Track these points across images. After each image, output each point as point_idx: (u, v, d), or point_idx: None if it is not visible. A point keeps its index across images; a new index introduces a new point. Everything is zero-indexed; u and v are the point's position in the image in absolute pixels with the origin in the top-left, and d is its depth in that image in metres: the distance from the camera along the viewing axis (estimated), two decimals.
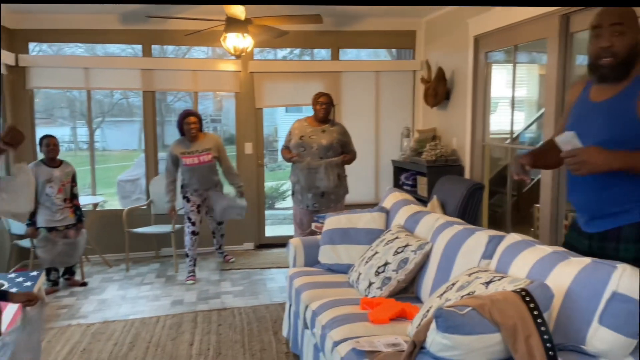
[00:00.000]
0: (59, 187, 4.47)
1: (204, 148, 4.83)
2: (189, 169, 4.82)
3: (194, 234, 4.94)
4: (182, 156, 4.80)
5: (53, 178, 4.46)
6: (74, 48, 9.63)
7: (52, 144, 4.47)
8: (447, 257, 2.61)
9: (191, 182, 4.87)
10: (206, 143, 4.87)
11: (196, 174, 4.83)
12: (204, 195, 4.95)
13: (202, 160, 4.82)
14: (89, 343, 3.56)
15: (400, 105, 6.10)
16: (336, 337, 2.36)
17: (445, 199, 4.31)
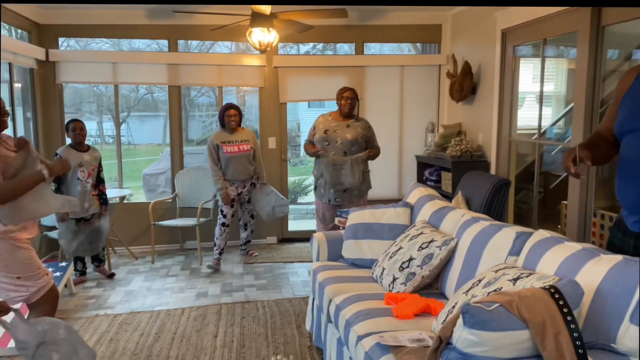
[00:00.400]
0: (89, 171, 4.49)
1: (243, 139, 5.01)
2: (228, 157, 4.93)
3: (224, 226, 5.04)
4: (223, 145, 4.94)
5: (84, 162, 4.46)
6: (101, 43, 9.78)
7: (78, 128, 4.47)
8: (473, 253, 2.58)
9: (229, 172, 4.97)
10: (244, 135, 5.06)
11: (235, 163, 4.95)
12: (240, 187, 5.02)
13: (242, 149, 4.97)
14: (116, 333, 3.63)
15: (425, 100, 6.05)
16: (360, 331, 2.36)
17: (470, 195, 4.26)
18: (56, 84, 5.46)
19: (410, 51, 8.15)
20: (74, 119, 4.58)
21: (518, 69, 4.61)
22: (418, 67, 6.02)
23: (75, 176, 4.42)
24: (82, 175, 4.45)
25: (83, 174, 4.45)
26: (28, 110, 5.33)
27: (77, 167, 4.41)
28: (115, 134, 6.20)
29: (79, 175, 4.43)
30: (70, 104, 11.63)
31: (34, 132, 5.36)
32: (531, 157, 5.20)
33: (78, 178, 4.43)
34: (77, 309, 4.10)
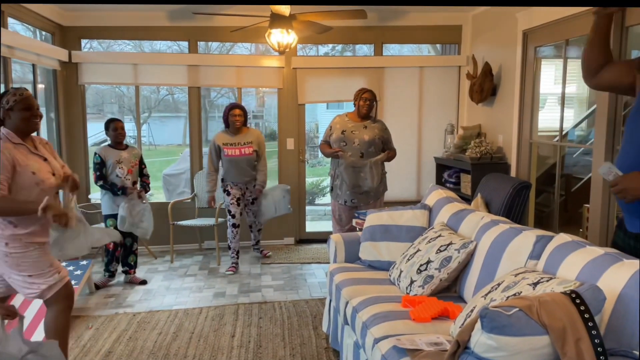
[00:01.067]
0: (128, 168, 4.56)
1: (246, 141, 4.97)
2: (229, 160, 4.93)
3: (234, 227, 5.04)
4: (225, 147, 4.93)
5: (122, 159, 4.53)
6: (122, 45, 9.92)
7: (119, 128, 4.56)
8: (492, 256, 2.55)
9: (230, 174, 4.97)
10: (249, 136, 5.00)
11: (236, 166, 4.94)
12: (243, 189, 5.02)
13: (244, 152, 4.94)
14: (135, 331, 3.67)
15: (444, 102, 6.00)
16: (377, 334, 2.35)
17: (490, 198, 4.21)
18: (78, 85, 5.55)
19: (429, 52, 8.10)
20: (115, 119, 4.66)
21: (539, 70, 4.55)
22: (438, 68, 5.98)
23: (114, 173, 4.51)
24: (120, 172, 4.53)
25: (122, 170, 4.53)
26: (51, 110, 5.43)
27: (116, 163, 4.51)
28: (137, 134, 6.28)
29: (118, 172, 4.52)
30: (92, 105, 11.82)
31: (56, 133, 5.46)
32: (552, 159, 5.13)
33: (117, 175, 4.52)
34: (97, 307, 4.16)
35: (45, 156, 2.69)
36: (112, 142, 4.61)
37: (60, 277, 2.69)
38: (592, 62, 2.19)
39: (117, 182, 4.52)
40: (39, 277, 2.61)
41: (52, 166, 2.69)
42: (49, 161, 2.68)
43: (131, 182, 4.58)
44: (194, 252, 5.77)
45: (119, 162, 4.53)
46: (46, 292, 2.63)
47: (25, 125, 2.61)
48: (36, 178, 2.55)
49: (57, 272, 2.68)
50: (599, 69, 2.18)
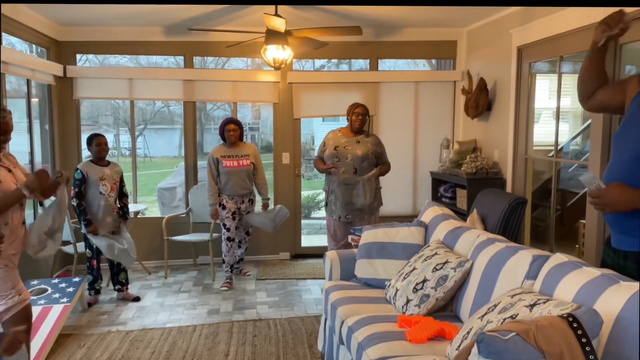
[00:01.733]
0: (111, 185, 4.49)
1: (243, 154, 5.00)
2: (227, 172, 4.91)
3: (229, 240, 5.01)
4: (223, 159, 4.93)
5: (105, 176, 4.46)
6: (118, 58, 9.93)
7: (102, 143, 4.49)
8: (488, 276, 2.53)
9: (227, 186, 4.94)
10: (245, 150, 5.04)
11: (234, 177, 4.93)
12: (239, 203, 5.00)
13: (242, 164, 4.95)
14: (128, 350, 3.62)
15: (440, 116, 6.02)
16: (373, 355, 2.32)
17: (486, 213, 4.20)
18: (73, 99, 5.53)
19: (425, 67, 8.14)
20: (97, 134, 4.57)
21: (534, 85, 4.57)
22: (433, 83, 5.99)
23: (97, 190, 4.43)
24: (104, 189, 4.45)
25: (105, 187, 4.45)
26: (45, 122, 5.41)
27: (99, 181, 4.43)
28: (132, 146, 6.25)
29: (102, 189, 4.44)
30: (87, 117, 11.80)
31: (50, 145, 5.42)
32: (548, 174, 5.13)
33: (100, 192, 4.44)
34: (89, 324, 4.11)
35: (10, 168, 2.72)
36: (95, 157, 4.50)
37: (20, 299, 2.67)
38: (587, 87, 2.23)
39: (101, 200, 4.43)
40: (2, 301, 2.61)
41: (17, 177, 2.72)
42: (13, 172, 2.72)
43: (113, 200, 4.52)
44: (189, 268, 5.72)
45: (102, 178, 4.44)
46: (3, 315, 2.62)
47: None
48: (3, 187, 2.58)
49: (17, 294, 2.66)
50: (593, 92, 2.20)
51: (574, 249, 4.52)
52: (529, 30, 4.32)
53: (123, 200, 4.66)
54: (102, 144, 4.49)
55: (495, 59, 5.02)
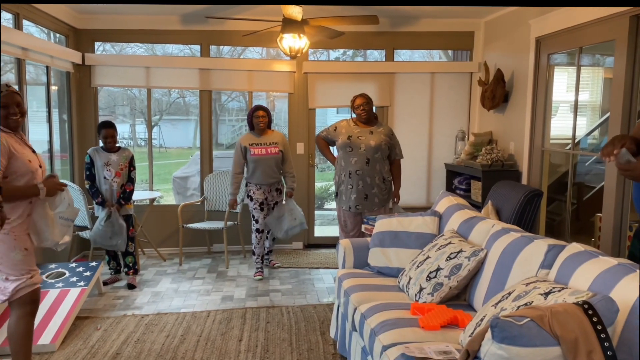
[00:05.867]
0: (116, 170, 4.52)
1: (272, 141, 4.95)
2: (255, 159, 4.88)
3: (258, 232, 5.00)
4: (251, 147, 4.89)
5: (110, 162, 4.51)
6: (135, 48, 10.00)
7: (108, 136, 4.48)
8: (502, 265, 2.53)
9: (255, 175, 4.91)
10: (274, 137, 4.99)
11: (262, 166, 4.89)
12: (266, 192, 4.99)
13: (270, 151, 4.91)
14: (143, 334, 3.67)
15: (456, 108, 5.98)
16: (385, 341, 2.33)
17: (501, 205, 4.18)
18: (91, 87, 5.59)
19: (441, 58, 8.08)
20: (106, 125, 4.54)
21: (552, 78, 4.52)
22: (449, 74, 5.96)
23: (102, 175, 4.50)
24: (108, 174, 4.50)
25: (109, 173, 4.50)
26: (64, 112, 5.48)
27: (104, 166, 4.49)
28: (147, 137, 6.31)
29: (106, 174, 4.50)
30: (104, 107, 11.91)
31: (69, 134, 5.50)
32: (564, 167, 5.08)
33: (105, 177, 4.50)
34: (105, 308, 4.17)
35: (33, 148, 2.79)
36: (104, 147, 4.57)
37: (31, 282, 2.73)
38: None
39: (105, 184, 4.49)
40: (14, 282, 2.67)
41: (40, 160, 2.79)
42: (36, 154, 2.79)
43: (119, 186, 4.53)
44: (203, 255, 5.78)
45: (107, 164, 4.50)
46: (13, 294, 2.68)
47: (4, 122, 2.66)
48: (31, 167, 2.65)
49: (29, 277, 2.72)
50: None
51: (590, 243, 4.48)
52: (548, 21, 4.27)
53: (126, 186, 4.58)
54: (108, 137, 4.49)
55: (513, 50, 4.98)
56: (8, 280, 2.67)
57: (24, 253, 2.69)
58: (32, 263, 2.75)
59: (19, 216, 2.65)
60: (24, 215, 2.68)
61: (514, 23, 4.96)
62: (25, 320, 2.75)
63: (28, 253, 2.71)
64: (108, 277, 4.79)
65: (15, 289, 2.68)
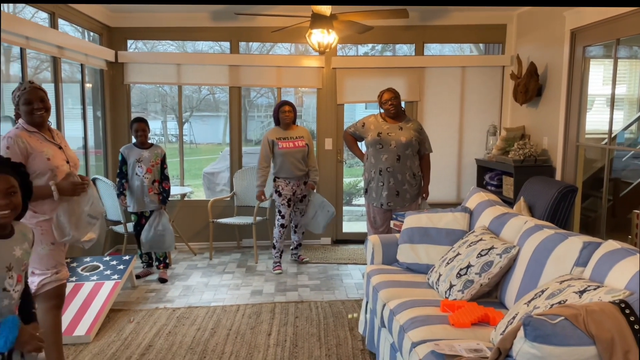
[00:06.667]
0: (147, 167, 4.62)
1: (298, 135, 5.03)
2: (283, 153, 4.94)
3: (282, 227, 5.06)
4: (278, 140, 4.97)
5: (142, 158, 4.62)
6: (166, 45, 10.15)
7: (140, 129, 4.62)
8: (535, 262, 2.48)
9: (284, 168, 4.97)
10: (299, 132, 5.08)
11: (289, 158, 4.95)
12: (295, 187, 5.03)
13: (297, 144, 4.99)
14: (175, 326, 3.74)
15: (487, 102, 5.88)
16: (415, 338, 2.31)
17: (533, 201, 4.10)
18: (124, 84, 5.71)
19: (472, 52, 7.95)
20: (138, 119, 4.68)
21: (588, 70, 4.39)
22: (480, 68, 5.86)
23: (134, 171, 4.61)
24: (140, 170, 4.60)
25: (141, 169, 4.60)
26: (97, 109, 5.61)
27: (136, 162, 4.60)
28: (178, 133, 6.40)
29: (137, 170, 4.60)
30: (136, 104, 12.13)
31: (102, 131, 5.63)
32: (600, 162, 4.94)
33: (136, 173, 4.60)
34: (138, 301, 4.26)
35: (61, 145, 2.81)
36: (137, 142, 4.69)
37: (56, 278, 2.77)
38: None
39: (137, 180, 4.60)
40: (39, 276, 2.72)
41: (67, 154, 2.81)
42: (63, 149, 2.81)
43: (150, 181, 4.62)
44: (232, 250, 5.84)
45: (139, 160, 4.60)
46: (38, 289, 2.71)
47: (28, 118, 2.70)
48: (51, 164, 2.67)
49: (55, 273, 2.76)
50: None
51: (627, 240, 4.35)
52: (584, 12, 4.15)
53: (164, 184, 4.71)
54: (139, 130, 4.62)
55: (547, 42, 4.86)
56: (34, 274, 2.71)
57: (50, 247, 2.73)
58: (59, 258, 2.79)
59: (45, 212, 2.70)
60: (52, 211, 2.71)
61: (548, 15, 4.84)
62: (52, 314, 2.78)
63: (55, 248, 2.75)
64: (140, 270, 4.90)
65: (40, 283, 2.71)
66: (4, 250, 1.81)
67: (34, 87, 2.70)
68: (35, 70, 5.08)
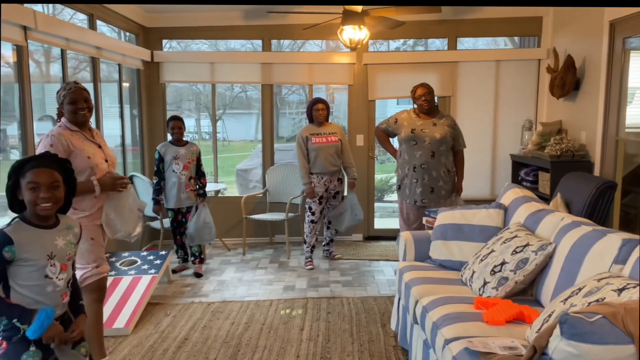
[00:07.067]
0: (184, 164, 4.73)
1: (331, 131, 5.08)
2: (316, 148, 4.98)
3: (312, 223, 5.10)
4: (312, 136, 5.01)
5: (179, 155, 4.72)
6: (200, 44, 10.30)
7: (176, 127, 4.74)
8: (572, 259, 2.43)
9: (317, 163, 4.99)
10: (332, 128, 5.13)
11: (323, 153, 4.98)
12: (327, 183, 5.05)
13: (330, 140, 5.02)
14: (209, 320, 3.82)
15: (522, 97, 5.77)
16: (448, 335, 2.30)
17: (571, 198, 4.00)
18: (160, 83, 5.83)
19: (506, 45, 7.80)
20: (174, 117, 4.82)
21: (628, 63, 4.25)
22: (515, 61, 5.75)
23: (170, 168, 4.71)
24: (177, 167, 4.71)
25: (178, 166, 4.71)
26: (134, 107, 5.75)
27: (173, 160, 4.71)
28: (212, 130, 6.50)
29: (174, 167, 4.71)
30: (171, 102, 12.37)
31: (139, 129, 5.77)
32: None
33: (173, 170, 4.71)
34: (174, 295, 4.36)
35: (100, 144, 2.91)
36: (173, 139, 4.79)
37: (97, 272, 2.87)
38: None
39: (173, 177, 4.70)
40: (80, 270, 2.81)
41: (106, 153, 2.91)
42: (102, 149, 2.91)
43: (187, 178, 4.72)
44: (265, 246, 5.91)
45: (176, 158, 4.71)
46: (80, 282, 2.78)
47: (72, 118, 2.80)
48: (91, 162, 2.77)
49: (95, 267, 2.86)
50: None
51: None
52: None
53: (201, 180, 4.84)
54: (175, 128, 4.73)
55: (585, 34, 4.73)
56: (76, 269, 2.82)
57: (91, 243, 2.83)
58: (98, 253, 2.88)
59: (85, 208, 2.79)
60: (92, 207, 2.81)
61: (586, 7, 4.70)
62: (93, 307, 2.88)
63: (95, 243, 2.85)
64: (176, 265, 5.00)
65: (82, 277, 2.82)
66: (46, 239, 1.92)
67: (78, 87, 2.81)
68: (74, 70, 5.24)
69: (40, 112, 4.63)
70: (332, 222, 5.25)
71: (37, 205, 1.88)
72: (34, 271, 1.88)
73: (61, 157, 2.18)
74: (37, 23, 3.57)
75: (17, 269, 1.86)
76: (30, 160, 1.92)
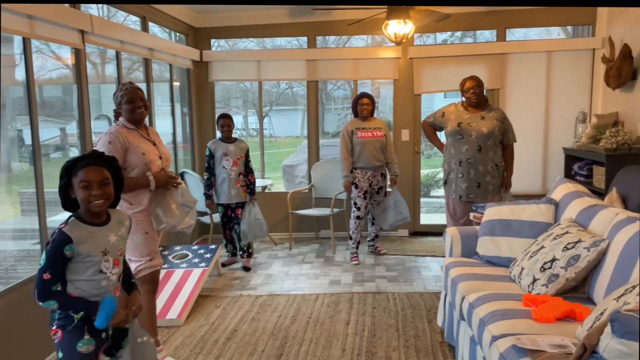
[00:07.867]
0: (234, 160, 4.84)
1: (376, 126, 5.08)
2: (361, 142, 5.00)
3: (358, 219, 5.11)
4: (357, 130, 5.03)
5: (228, 152, 4.84)
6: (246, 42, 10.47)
7: (226, 125, 4.86)
8: (627, 256, 2.34)
9: (362, 157, 5.00)
10: (377, 123, 5.14)
11: (368, 147, 5.00)
12: (371, 178, 5.06)
13: (375, 134, 5.03)
14: (257, 312, 3.90)
15: (575, 88, 5.57)
16: (495, 331, 2.28)
17: (627, 193, 3.84)
18: (209, 82, 5.98)
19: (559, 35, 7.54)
20: (223, 115, 4.93)
21: None
22: (568, 52, 5.56)
23: (221, 165, 4.83)
24: (226, 163, 4.83)
25: (228, 162, 4.83)
26: (185, 106, 5.92)
27: (223, 156, 4.82)
28: (259, 127, 6.62)
29: (224, 164, 4.83)
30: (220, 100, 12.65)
31: (189, 126, 5.94)
32: None
33: (223, 166, 4.83)
34: (223, 288, 4.49)
35: (155, 142, 3.03)
36: (222, 136, 4.91)
37: (150, 265, 2.98)
38: None
39: (223, 173, 4.81)
40: (135, 262, 2.92)
41: (160, 150, 3.02)
42: (157, 146, 3.02)
43: (236, 174, 4.82)
44: (311, 240, 5.97)
45: (226, 154, 4.82)
46: (135, 274, 2.87)
47: (130, 116, 2.92)
48: (145, 158, 2.88)
49: (149, 260, 2.97)
50: None
51: None
52: None
53: (249, 176, 4.93)
54: (225, 126, 4.85)
55: None
56: (131, 262, 2.92)
57: (145, 236, 2.95)
58: (152, 246, 3.00)
59: (140, 203, 2.91)
60: (147, 203, 2.93)
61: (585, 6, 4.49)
62: (147, 298, 2.98)
63: (148, 237, 2.96)
64: (225, 259, 5.14)
65: (136, 269, 2.94)
66: (100, 236, 2.02)
67: (134, 87, 2.95)
68: (128, 70, 5.45)
69: (97, 111, 4.86)
70: (376, 219, 5.24)
71: (90, 202, 1.97)
72: (90, 267, 1.98)
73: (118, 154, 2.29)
74: (93, 27, 3.74)
75: (75, 266, 1.97)
76: (80, 159, 2.00)
